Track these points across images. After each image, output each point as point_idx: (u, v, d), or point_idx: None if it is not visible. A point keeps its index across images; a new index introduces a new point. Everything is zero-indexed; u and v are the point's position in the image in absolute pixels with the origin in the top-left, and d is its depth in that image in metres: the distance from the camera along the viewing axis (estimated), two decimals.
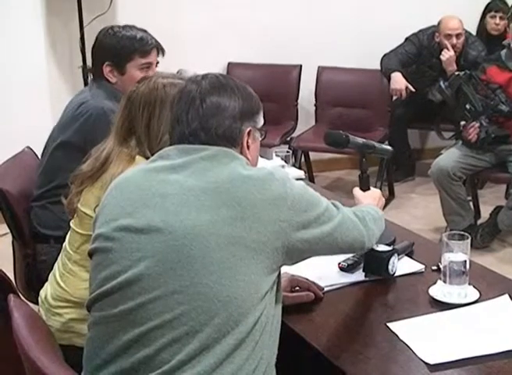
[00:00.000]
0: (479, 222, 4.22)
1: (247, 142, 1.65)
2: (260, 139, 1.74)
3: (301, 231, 1.56)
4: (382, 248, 1.99)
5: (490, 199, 4.56)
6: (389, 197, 4.83)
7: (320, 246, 1.62)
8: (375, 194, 2.11)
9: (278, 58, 4.93)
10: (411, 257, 2.14)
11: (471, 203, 4.25)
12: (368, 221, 1.77)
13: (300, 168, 4.64)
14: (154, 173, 1.61)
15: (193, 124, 1.61)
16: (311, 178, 4.95)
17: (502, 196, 4.64)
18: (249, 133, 1.65)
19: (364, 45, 5.10)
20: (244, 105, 1.65)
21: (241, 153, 1.64)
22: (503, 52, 4.06)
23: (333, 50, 5.07)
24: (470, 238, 1.89)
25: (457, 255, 1.84)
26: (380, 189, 4.52)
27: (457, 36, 4.71)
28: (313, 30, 5.07)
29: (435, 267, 2.01)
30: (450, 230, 4.02)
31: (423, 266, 2.06)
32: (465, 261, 1.84)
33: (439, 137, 4.32)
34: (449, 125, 4.38)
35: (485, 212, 4.26)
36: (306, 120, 4.97)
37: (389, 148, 2.39)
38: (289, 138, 4.77)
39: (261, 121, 1.72)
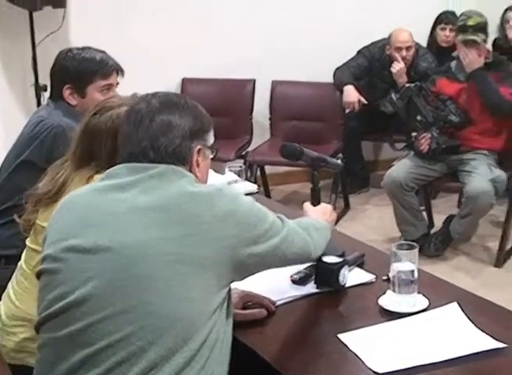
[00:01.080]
0: (433, 231, 4.29)
1: (197, 160, 1.66)
2: (210, 157, 1.75)
3: (251, 247, 1.57)
4: (332, 259, 2.01)
5: (443, 208, 4.62)
6: (344, 209, 4.88)
7: (269, 260, 1.65)
8: (325, 209, 2.12)
9: (232, 73, 4.95)
10: (362, 268, 2.16)
11: (424, 213, 4.32)
12: (312, 231, 1.81)
13: (255, 182, 4.68)
14: (103, 192, 1.61)
15: (142, 143, 1.61)
16: (266, 192, 4.98)
17: (455, 205, 4.71)
18: (199, 151, 1.66)
19: (317, 59, 5.15)
20: (194, 123, 1.66)
21: (191, 171, 1.64)
22: (453, 64, 4.15)
23: (287, 64, 5.10)
24: (418, 248, 1.92)
25: (405, 264, 1.87)
26: (335, 201, 4.66)
27: (407, 48, 4.79)
28: (266, 44, 5.10)
29: (385, 277, 2.03)
30: (404, 239, 4.07)
31: (374, 276, 2.08)
32: (413, 270, 1.87)
33: (392, 149, 4.39)
34: (402, 136, 4.44)
35: (439, 221, 4.32)
36: (261, 134, 5.00)
37: (339, 162, 2.42)
38: (244, 152, 4.78)
39: (211, 139, 1.73)
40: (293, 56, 5.15)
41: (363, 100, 4.80)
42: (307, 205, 2.12)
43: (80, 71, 2.59)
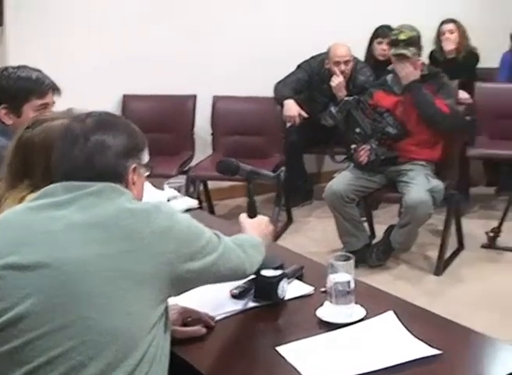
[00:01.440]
0: (374, 241, 4.35)
1: (133, 178, 1.68)
2: (145, 175, 1.77)
3: (188, 263, 1.60)
4: (271, 273, 2.03)
5: (384, 219, 4.69)
6: (288, 221, 4.92)
7: (205, 276, 1.68)
8: (261, 221, 2.14)
9: (173, 89, 4.95)
10: (301, 280, 2.19)
11: (365, 224, 4.38)
12: (247, 248, 1.83)
13: (198, 197, 4.68)
14: (37, 210, 1.61)
15: (77, 162, 1.62)
16: (210, 207, 5.00)
17: (395, 215, 4.77)
18: (134, 169, 1.68)
19: (258, 73, 5.19)
20: (129, 142, 1.68)
21: (127, 188, 1.66)
22: (389, 77, 4.23)
23: (227, 79, 5.13)
24: (353, 259, 1.94)
25: (342, 275, 1.90)
26: (278, 214, 4.69)
27: (345, 62, 4.86)
28: (207, 60, 5.13)
29: (323, 289, 2.06)
30: (346, 251, 4.12)
31: (312, 288, 2.11)
32: (349, 281, 1.90)
33: (332, 161, 4.44)
34: (342, 148, 4.49)
35: (380, 231, 4.38)
36: (203, 149, 5.01)
37: (271, 174, 2.47)
38: (186, 168, 4.79)
39: (146, 157, 1.75)
40: (234, 71, 5.19)
41: (303, 114, 4.85)
42: (244, 217, 2.13)
43: (15, 90, 2.57)
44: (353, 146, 4.11)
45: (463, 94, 5.28)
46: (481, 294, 3.81)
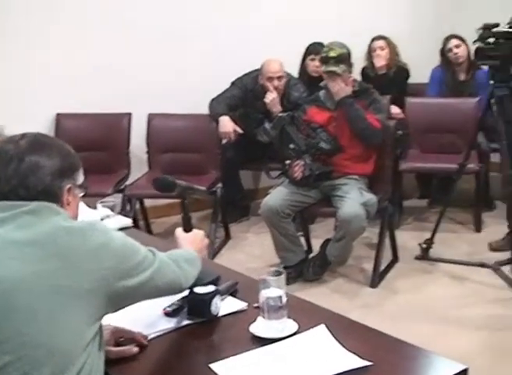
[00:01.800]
0: (312, 255, 4.39)
1: (68, 199, 1.71)
2: (80, 195, 1.80)
3: (124, 279, 1.64)
4: (203, 290, 2.03)
5: (321, 233, 4.74)
6: (225, 238, 4.93)
7: (142, 292, 1.71)
8: (196, 236, 2.16)
9: (108, 107, 4.92)
10: (235, 296, 2.20)
11: (302, 238, 4.42)
12: (182, 262, 1.86)
13: (135, 216, 4.67)
14: None
15: (12, 181, 1.64)
16: (147, 225, 4.97)
17: (332, 229, 4.82)
18: (69, 190, 1.72)
19: (192, 91, 5.21)
20: (63, 163, 1.71)
21: (62, 208, 1.69)
22: (322, 93, 4.29)
23: (162, 97, 5.13)
24: (285, 274, 1.97)
25: (273, 290, 1.91)
26: (215, 231, 4.70)
27: (278, 78, 4.92)
28: (141, 77, 5.12)
29: (256, 304, 2.07)
30: (284, 266, 4.15)
31: (246, 304, 2.12)
32: (281, 296, 1.91)
33: (268, 177, 4.47)
34: (278, 164, 4.53)
35: (317, 245, 4.42)
36: (139, 167, 4.98)
37: (203, 188, 2.49)
38: (122, 186, 4.75)
39: (80, 178, 1.78)
40: (169, 89, 5.19)
41: (238, 130, 4.88)
42: (179, 232, 2.16)
43: None
44: (287, 162, 4.14)
45: (394, 109, 5.41)
46: (416, 305, 3.88)
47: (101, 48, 5.01)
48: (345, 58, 4.06)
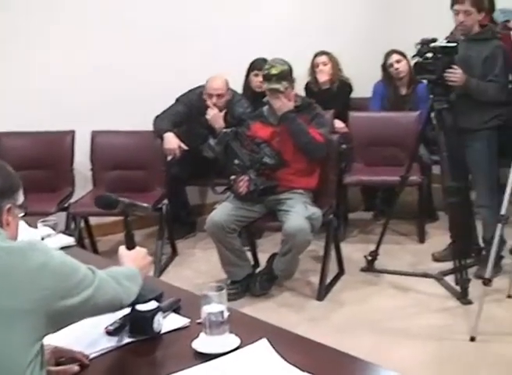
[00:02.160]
0: (259, 270, 4.40)
1: (7, 219, 1.71)
2: (20, 215, 1.80)
3: (64, 299, 1.63)
4: (145, 307, 2.02)
5: (268, 247, 4.75)
6: (172, 254, 4.92)
7: (82, 311, 1.70)
8: (138, 253, 2.16)
9: (51, 125, 4.86)
10: (178, 313, 2.19)
11: (248, 253, 4.43)
12: (122, 279, 1.86)
13: (80, 234, 4.62)
14: None
15: None
16: (92, 243, 4.92)
17: (279, 243, 4.85)
18: (9, 210, 1.72)
19: (137, 108, 5.20)
20: (3, 183, 1.71)
21: (1, 229, 1.69)
22: (265, 108, 4.32)
23: (106, 114, 5.11)
24: (225, 289, 1.97)
25: (214, 306, 1.92)
26: (161, 247, 4.68)
27: (218, 96, 4.94)
28: (84, 95, 5.08)
29: (199, 320, 2.07)
30: (230, 281, 4.16)
31: (188, 320, 2.11)
32: (222, 311, 1.92)
33: (213, 192, 4.47)
34: (224, 180, 4.55)
35: (265, 259, 4.44)
36: (84, 185, 4.93)
37: (146, 205, 2.49)
38: (66, 204, 4.70)
39: (20, 198, 1.78)
40: (113, 106, 5.17)
41: (183, 146, 4.88)
42: (122, 249, 2.16)
43: None
44: (232, 177, 4.16)
45: (338, 124, 5.49)
46: (362, 317, 3.92)
47: (43, 65, 4.96)
48: (287, 75, 4.10)
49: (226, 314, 1.93)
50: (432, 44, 3.97)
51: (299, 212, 3.96)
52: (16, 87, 4.86)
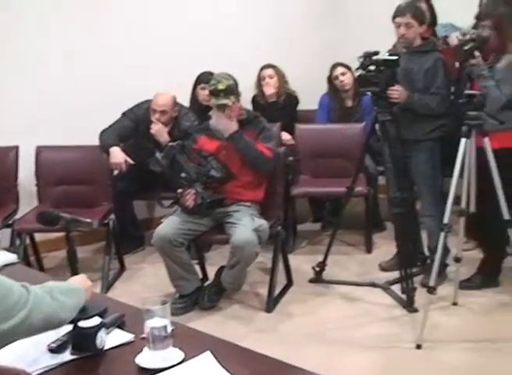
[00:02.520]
0: (208, 283, 4.39)
1: None
2: None
3: (1, 323, 1.60)
4: (88, 323, 2.00)
5: (217, 260, 4.75)
6: (120, 269, 4.88)
7: (18, 332, 1.67)
8: (78, 278, 2.13)
9: None
10: (122, 328, 2.17)
11: (197, 266, 4.42)
12: (57, 294, 1.84)
13: (25, 251, 4.55)
14: None
15: None
16: (38, 260, 4.86)
17: (228, 256, 4.85)
18: None
19: (82, 122, 5.16)
20: None
21: None
22: (211, 121, 4.33)
23: (51, 129, 5.06)
24: (169, 303, 1.96)
25: (158, 320, 1.91)
26: (109, 263, 4.63)
27: (161, 112, 4.95)
28: (29, 110, 5.03)
29: (143, 335, 2.06)
30: (179, 295, 4.14)
31: (132, 336, 2.10)
32: (166, 325, 1.91)
33: (160, 206, 4.45)
34: (171, 193, 4.53)
35: (213, 273, 4.43)
36: (29, 201, 4.87)
37: (89, 220, 2.47)
38: (11, 221, 4.63)
39: None
40: (57, 120, 5.12)
41: (129, 160, 4.86)
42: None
43: None
44: (179, 191, 4.15)
45: (285, 136, 5.53)
46: (310, 328, 3.93)
47: None
48: (233, 89, 4.12)
49: (170, 328, 1.92)
50: (375, 57, 4.04)
51: (246, 225, 3.97)
52: None
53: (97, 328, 2.00)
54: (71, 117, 5.17)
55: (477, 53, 3.80)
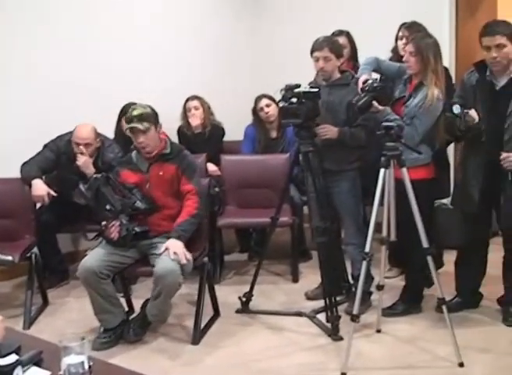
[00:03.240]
0: (134, 316, 4.34)
1: None
2: None
3: None
4: (3, 362, 1.97)
5: (144, 293, 4.67)
6: (43, 304, 4.77)
7: None
8: None
9: None
10: (39, 366, 2.14)
11: (122, 299, 4.37)
12: None
13: None
14: None
15: None
16: None
17: None
18: None
19: (3, 154, 5.07)
20: None
21: None
22: (134, 154, 4.31)
23: None
24: (86, 340, 1.95)
25: (74, 357, 1.89)
26: (31, 298, 4.53)
27: (85, 145, 4.92)
28: None
29: (60, 372, 2.03)
30: (104, 329, 4.08)
31: (49, 373, 2.07)
32: (82, 362, 1.89)
33: (84, 239, 4.41)
34: (96, 225, 4.48)
35: (140, 305, 4.39)
36: None
37: (9, 258, 2.42)
38: None
39: None
40: None
41: (52, 193, 4.79)
42: None
43: None
44: (103, 223, 4.11)
45: (211, 167, 5.56)
46: (237, 359, 3.92)
47: None
48: (148, 117, 4.12)
49: (87, 365, 1.90)
50: (296, 90, 4.11)
51: (167, 255, 3.95)
52: None
53: (13, 366, 1.97)
54: None
55: (375, 103, 3.93)
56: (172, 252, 3.92)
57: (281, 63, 6.57)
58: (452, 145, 5.51)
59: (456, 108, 3.92)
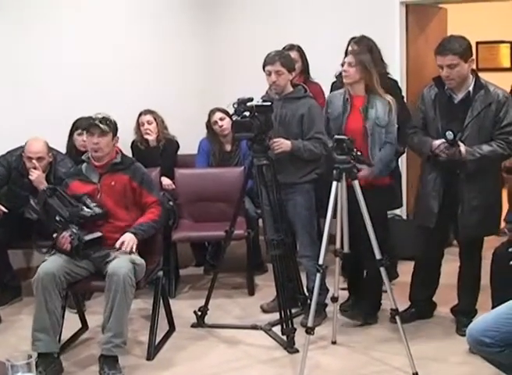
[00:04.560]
0: (88, 332, 4.29)
1: None
2: None
3: None
4: None
5: (98, 308, 4.61)
6: None
7: None
8: None
9: None
10: None
11: (75, 316, 4.29)
12: None
13: None
14: None
15: None
16: None
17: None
18: None
19: None
20: None
21: None
22: (84, 166, 4.28)
23: None
24: (34, 358, 1.92)
25: None
26: None
27: (38, 159, 4.86)
28: None
29: None
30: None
31: None
32: None
33: (38, 252, 4.34)
34: (48, 240, 4.40)
35: (93, 322, 4.36)
36: None
37: None
38: None
39: None
40: None
41: (3, 209, 4.73)
42: None
43: None
44: (54, 235, 4.04)
45: (165, 181, 5.54)
46: (194, 374, 3.90)
47: None
48: (110, 123, 4.15)
49: None
50: (249, 103, 4.12)
51: (122, 257, 3.90)
52: None
53: None
54: None
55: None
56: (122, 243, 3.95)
57: (233, 77, 6.59)
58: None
59: (449, 134, 3.92)
